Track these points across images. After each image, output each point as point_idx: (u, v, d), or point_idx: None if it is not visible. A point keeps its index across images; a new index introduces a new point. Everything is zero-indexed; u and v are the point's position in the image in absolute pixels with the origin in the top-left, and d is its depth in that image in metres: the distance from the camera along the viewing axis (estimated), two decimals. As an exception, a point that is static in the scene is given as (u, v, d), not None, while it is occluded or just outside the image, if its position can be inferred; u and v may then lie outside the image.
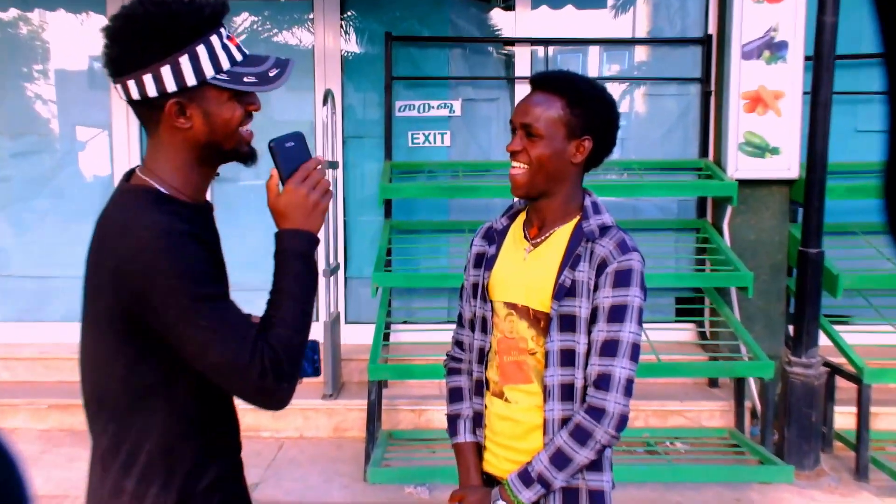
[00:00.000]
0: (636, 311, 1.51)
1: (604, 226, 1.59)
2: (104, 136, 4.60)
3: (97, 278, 1.27)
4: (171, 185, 1.32)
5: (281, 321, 1.28)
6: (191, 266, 1.22)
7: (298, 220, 1.33)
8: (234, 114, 1.31)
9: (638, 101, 4.68)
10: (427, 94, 4.56)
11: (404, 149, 4.54)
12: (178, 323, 1.21)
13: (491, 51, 4.63)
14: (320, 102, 4.11)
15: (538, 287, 1.59)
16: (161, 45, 1.24)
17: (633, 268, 1.52)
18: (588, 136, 1.58)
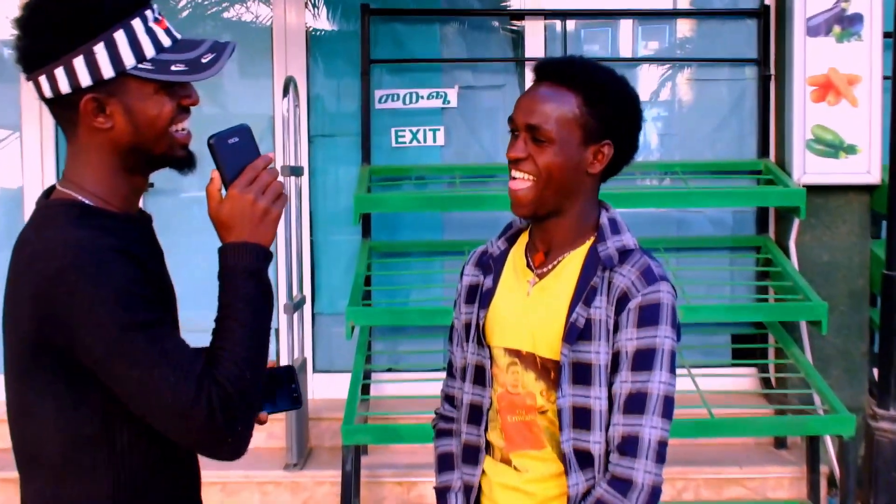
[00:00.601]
0: (667, 356, 1.53)
1: (624, 249, 1.61)
2: (14, 141, 4.64)
3: (16, 309, 1.32)
4: (96, 195, 1.38)
5: (229, 353, 1.32)
6: (119, 288, 1.26)
7: (245, 231, 1.36)
8: (161, 109, 1.37)
9: (681, 88, 4.73)
10: (415, 80, 4.60)
11: (386, 150, 4.58)
12: (107, 357, 1.26)
13: (495, 26, 4.68)
14: (280, 92, 4.14)
15: (546, 329, 1.60)
16: (73, 33, 1.31)
17: (661, 301, 1.54)
18: (608, 141, 1.60)
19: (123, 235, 1.35)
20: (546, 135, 1.57)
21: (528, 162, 1.59)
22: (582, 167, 1.60)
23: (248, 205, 1.36)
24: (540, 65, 1.64)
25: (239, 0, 4.70)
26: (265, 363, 1.39)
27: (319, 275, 4.68)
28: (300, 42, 4.58)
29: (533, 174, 1.59)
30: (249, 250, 1.36)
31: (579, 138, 1.58)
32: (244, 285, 1.35)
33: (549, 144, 1.57)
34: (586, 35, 4.80)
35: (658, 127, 4.72)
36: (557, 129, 1.57)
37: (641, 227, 4.50)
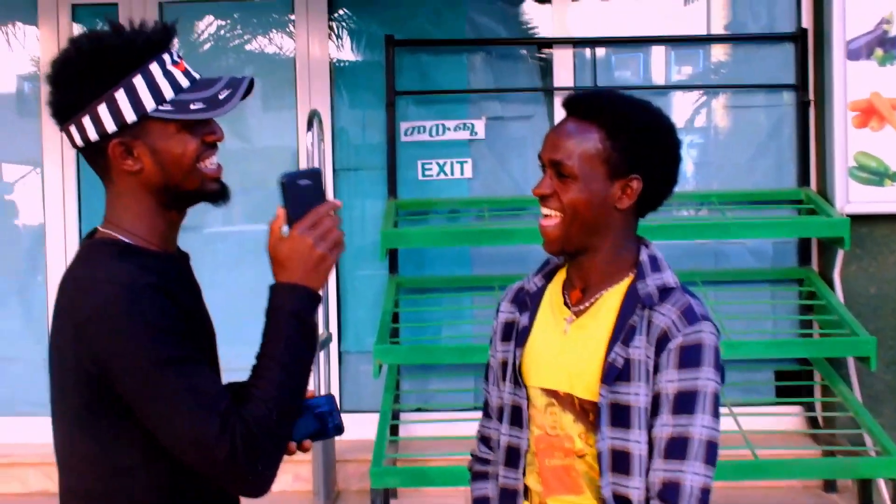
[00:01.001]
0: (710, 399, 1.52)
1: (664, 287, 1.61)
2: (35, 176, 4.73)
3: (61, 345, 1.43)
4: (135, 234, 1.49)
5: (260, 392, 1.40)
6: (152, 324, 1.35)
7: (298, 272, 1.44)
8: (185, 147, 1.47)
9: (717, 115, 4.72)
10: (441, 111, 4.64)
11: (413, 183, 4.60)
12: (138, 391, 1.35)
13: (523, 55, 4.71)
14: (304, 125, 4.18)
15: (583, 369, 1.60)
16: (95, 83, 1.42)
17: (703, 342, 1.53)
18: (636, 175, 1.60)
19: (161, 273, 1.44)
20: (569, 171, 1.59)
21: (554, 198, 1.61)
22: (609, 203, 1.60)
23: (307, 248, 1.44)
24: (567, 100, 1.67)
25: (262, 32, 4.77)
26: (297, 406, 1.45)
27: (346, 312, 4.68)
28: (324, 74, 4.63)
29: (559, 210, 1.60)
30: (298, 292, 1.44)
31: (604, 173, 1.59)
32: (287, 326, 1.42)
33: (573, 180, 1.59)
34: (617, 62, 4.81)
35: (693, 155, 4.70)
36: (580, 164, 1.58)
37: (677, 260, 4.46)
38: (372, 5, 4.69)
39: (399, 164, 4.51)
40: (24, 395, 4.62)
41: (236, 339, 4.50)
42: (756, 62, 4.60)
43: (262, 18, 4.77)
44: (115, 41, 1.43)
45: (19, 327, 4.71)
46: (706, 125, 4.74)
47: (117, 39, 1.44)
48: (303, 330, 1.43)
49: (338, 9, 4.71)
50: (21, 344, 4.68)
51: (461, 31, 4.68)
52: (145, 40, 1.44)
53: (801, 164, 4.47)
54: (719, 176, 4.64)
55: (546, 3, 4.66)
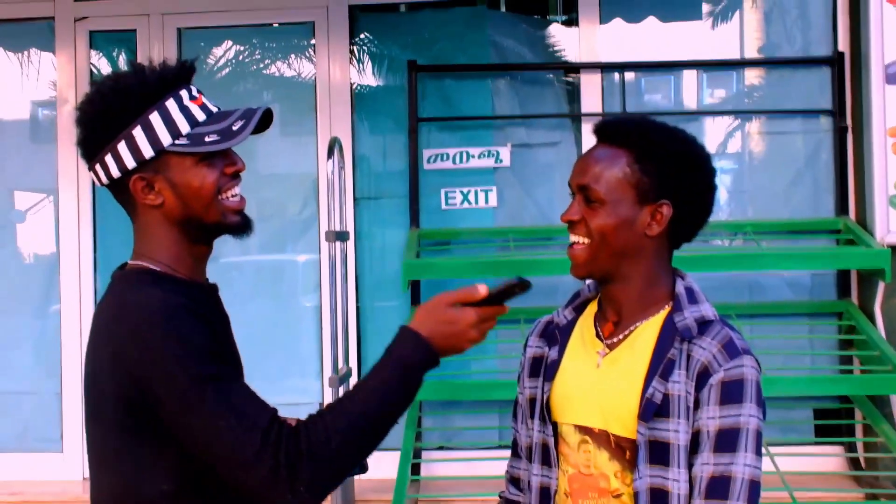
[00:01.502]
0: (752, 437, 1.52)
1: (703, 320, 1.61)
2: (49, 204, 4.79)
3: (97, 369, 1.50)
4: (164, 263, 1.57)
5: (331, 418, 1.44)
6: (188, 342, 1.42)
7: (437, 333, 1.51)
8: (204, 180, 1.55)
9: (751, 141, 4.73)
10: (465, 138, 4.66)
11: (436, 212, 4.63)
12: (178, 409, 1.40)
13: (549, 80, 4.74)
14: (324, 152, 4.22)
15: (619, 404, 1.60)
16: (115, 121, 1.52)
17: (745, 377, 1.54)
18: (666, 200, 1.62)
19: (192, 297, 1.52)
20: (596, 195, 1.61)
21: (582, 224, 1.63)
22: (638, 229, 1.62)
23: (466, 322, 1.52)
24: (596, 126, 1.69)
25: (282, 57, 4.83)
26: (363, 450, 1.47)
27: (366, 345, 4.69)
28: (345, 100, 4.68)
29: (587, 237, 1.62)
30: (423, 347, 1.50)
31: (633, 198, 1.61)
32: (392, 370, 1.49)
33: (600, 205, 1.61)
34: (647, 86, 4.83)
35: (727, 183, 4.71)
36: (608, 189, 1.61)
37: (711, 292, 4.36)
38: (394, 30, 4.74)
39: (422, 192, 4.53)
40: (37, 430, 4.65)
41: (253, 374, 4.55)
42: (791, 86, 4.61)
43: (282, 43, 4.84)
44: (131, 80, 1.54)
45: (32, 361, 4.76)
46: (740, 152, 4.75)
47: (134, 78, 1.54)
48: (404, 381, 1.49)
49: (359, 34, 4.77)
50: (34, 378, 4.71)
51: (485, 55, 4.71)
52: (159, 78, 1.54)
53: (840, 192, 4.45)
54: (754, 204, 4.63)
55: (573, 26, 4.69)
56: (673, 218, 1.62)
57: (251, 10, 4.70)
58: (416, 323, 1.53)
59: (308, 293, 4.73)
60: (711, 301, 1.68)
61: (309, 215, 4.71)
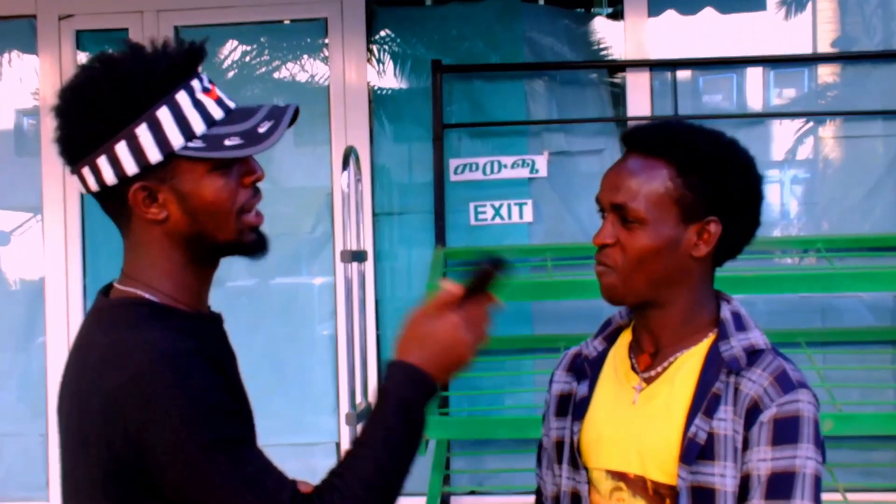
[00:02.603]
0: (810, 482, 1.49)
1: (753, 349, 1.59)
2: (36, 224, 4.84)
3: (82, 426, 1.38)
4: (163, 292, 1.47)
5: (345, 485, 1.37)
6: (199, 400, 1.33)
7: (426, 353, 1.45)
8: (219, 192, 1.44)
9: (824, 147, 4.69)
10: (497, 146, 4.67)
11: (464, 229, 4.64)
12: (184, 481, 1.32)
13: (591, 81, 4.73)
14: (339, 163, 4.22)
15: (657, 445, 1.59)
16: (113, 117, 1.40)
17: (801, 414, 1.51)
18: (714, 217, 1.60)
19: (201, 337, 1.44)
20: (635, 214, 1.58)
21: (616, 249, 1.60)
22: (684, 250, 1.60)
23: (450, 333, 1.46)
24: (627, 134, 1.67)
25: (292, 58, 4.86)
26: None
27: (387, 378, 4.68)
28: (362, 104, 4.70)
29: (618, 264, 1.60)
30: (415, 378, 1.44)
31: (676, 216, 1.59)
32: (392, 415, 1.42)
33: (640, 226, 1.58)
34: (705, 86, 4.81)
35: (797, 195, 4.67)
36: (648, 206, 1.58)
37: (777, 318, 4.42)
38: (417, 26, 4.77)
39: (448, 206, 4.54)
40: (20, 476, 4.68)
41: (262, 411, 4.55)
42: (870, 84, 4.57)
43: (293, 43, 4.88)
44: (134, 66, 1.41)
45: (13, 399, 4.79)
46: (812, 158, 4.70)
47: (137, 64, 1.41)
48: (409, 424, 1.43)
49: (378, 31, 4.79)
50: (17, 418, 4.74)
51: (519, 54, 4.72)
52: (170, 65, 1.42)
53: (925, 203, 4.41)
54: (827, 218, 4.60)
55: (619, 19, 4.69)
56: (721, 236, 1.60)
57: (257, 5, 4.72)
58: (400, 353, 1.47)
59: (322, 320, 4.75)
60: (778, 327, 1.66)
61: (322, 233, 4.73)
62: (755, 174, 1.64)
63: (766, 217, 1.70)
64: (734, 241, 1.64)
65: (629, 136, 1.66)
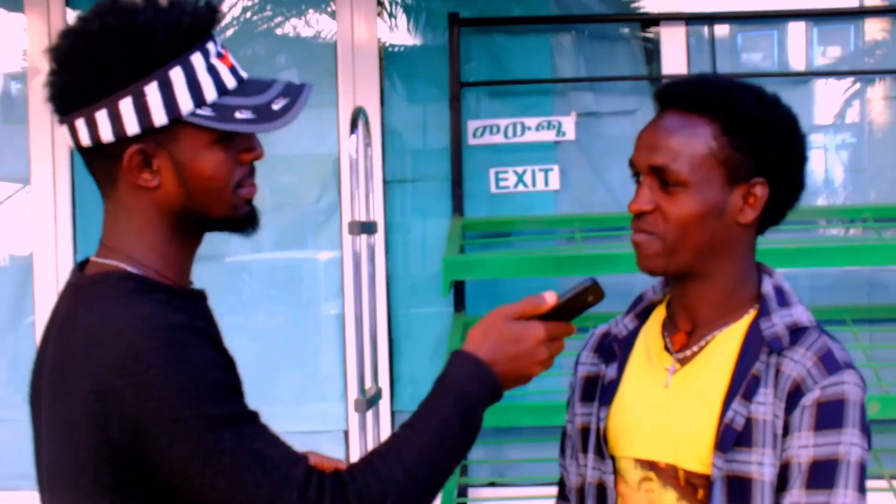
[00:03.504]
0: (855, 470, 1.49)
1: (796, 327, 1.59)
2: (24, 196, 4.81)
3: (67, 411, 1.37)
4: (146, 265, 1.46)
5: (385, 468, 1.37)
6: (200, 375, 1.32)
7: (500, 353, 1.47)
8: (218, 167, 1.45)
9: (872, 109, 4.68)
10: (520, 107, 4.67)
11: (484, 197, 4.65)
12: (188, 461, 1.31)
13: (623, 36, 4.74)
14: (347, 126, 4.22)
15: (691, 432, 1.59)
16: (121, 70, 1.39)
17: (846, 397, 1.51)
18: (761, 179, 1.60)
19: (191, 311, 1.43)
20: (677, 177, 1.57)
21: (656, 216, 1.59)
22: (729, 216, 1.59)
23: (533, 341, 1.47)
24: (663, 89, 1.66)
25: (296, 13, 4.85)
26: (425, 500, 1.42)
27: (399, 360, 4.72)
28: (372, 62, 4.68)
29: (661, 232, 1.59)
30: (485, 374, 1.45)
31: (722, 178, 1.58)
32: (452, 404, 1.43)
33: (682, 189, 1.57)
34: (744, 42, 4.80)
35: (842, 160, 4.67)
36: (691, 168, 1.57)
37: (822, 293, 4.43)
38: (433, -24, 4.75)
39: (466, 173, 4.55)
40: (9, 465, 4.69)
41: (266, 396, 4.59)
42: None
43: (298, -4, 4.86)
44: (153, 19, 1.40)
45: (3, 382, 4.80)
46: (859, 122, 4.70)
47: (157, 17, 1.40)
48: (464, 417, 1.43)
49: (390, -19, 4.78)
50: (4, 403, 4.75)
51: (544, 6, 4.71)
52: (191, 23, 1.42)
53: (984, 168, 4.41)
54: (876, 186, 4.61)
55: (652, -31, 4.69)
56: (767, 199, 1.60)
57: (259, -44, 4.73)
58: (472, 345, 1.47)
59: (329, 298, 4.76)
60: (823, 303, 1.66)
61: (328, 204, 4.74)
62: (800, 133, 1.64)
63: (809, 185, 1.69)
64: (779, 206, 1.64)
65: (665, 92, 1.65)
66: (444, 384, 1.45)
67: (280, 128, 1.44)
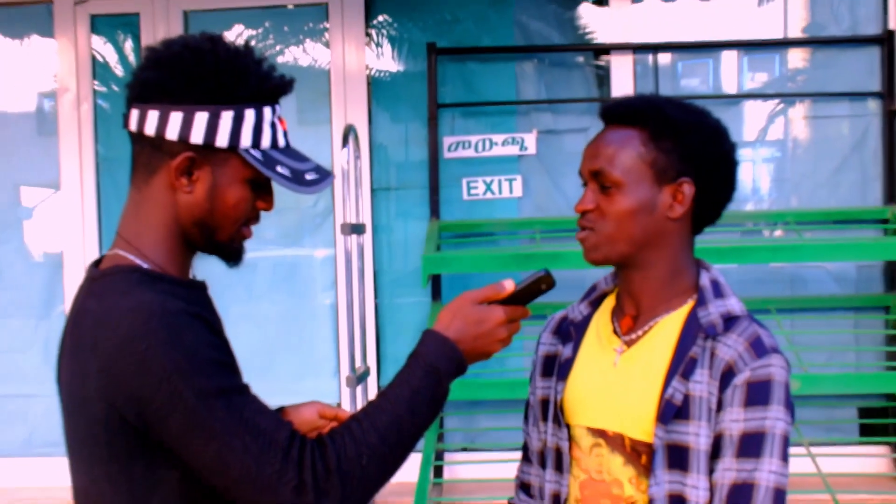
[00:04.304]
0: (779, 442, 1.50)
1: (729, 315, 1.59)
2: (55, 200, 4.82)
3: (81, 388, 1.39)
4: (155, 261, 1.48)
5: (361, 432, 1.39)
6: (193, 353, 1.33)
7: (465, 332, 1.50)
8: (241, 200, 1.49)
9: (794, 126, 4.70)
10: (488, 125, 4.68)
11: (457, 203, 4.66)
12: (184, 430, 1.32)
13: (577, 63, 4.74)
14: (339, 141, 4.24)
15: (636, 405, 1.59)
16: (211, 90, 1.44)
17: (773, 378, 1.51)
18: (687, 178, 1.60)
19: (189, 300, 1.43)
20: (611, 179, 1.59)
21: (597, 214, 1.62)
22: (660, 212, 1.60)
23: (493, 323, 1.51)
24: (604, 108, 1.67)
25: (294, 41, 4.85)
26: (393, 465, 1.43)
27: (385, 343, 4.73)
28: (361, 86, 4.71)
29: (600, 227, 1.61)
30: (451, 351, 1.48)
31: (651, 179, 1.59)
32: (421, 377, 1.45)
33: (617, 189, 1.59)
34: (684, 69, 4.80)
35: (768, 171, 4.69)
36: (623, 171, 1.58)
37: (750, 286, 4.45)
38: (413, 11, 4.75)
39: (442, 182, 4.57)
40: (43, 435, 4.73)
41: (267, 374, 4.60)
42: (838, 68, 4.59)
43: (295, 27, 4.86)
44: (253, 67, 1.47)
45: (37, 363, 4.80)
46: (783, 137, 4.72)
47: (256, 67, 1.47)
48: (433, 388, 1.45)
49: (376, 16, 4.78)
50: (40, 380, 4.75)
51: (510, 37, 4.73)
52: (275, 84, 1.49)
53: (888, 179, 4.44)
54: (797, 193, 4.62)
55: (603, 5, 4.69)
56: (695, 198, 1.60)
57: (262, -10, 4.72)
58: (441, 325, 1.50)
59: (324, 289, 4.77)
60: (751, 295, 1.66)
61: (324, 208, 4.75)
62: (726, 139, 1.64)
63: (739, 192, 1.70)
64: (709, 204, 1.64)
65: (606, 110, 1.66)
66: (416, 359, 1.47)
67: (306, 194, 1.50)
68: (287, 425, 1.37)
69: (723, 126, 1.65)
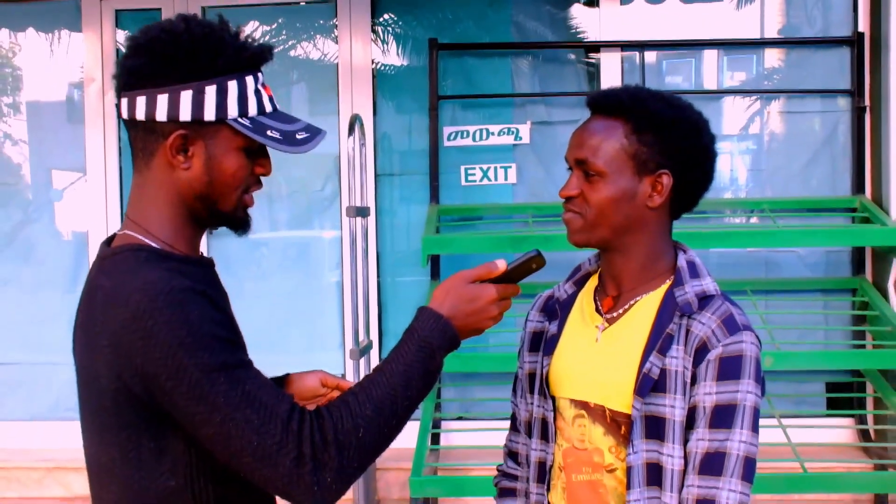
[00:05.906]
0: (749, 413, 1.48)
1: (704, 295, 1.57)
2: (83, 183, 4.85)
3: (92, 361, 1.36)
4: (162, 239, 1.44)
5: (358, 405, 1.35)
6: (197, 330, 1.30)
7: (458, 313, 1.46)
8: (239, 169, 1.44)
9: (770, 121, 4.68)
10: (485, 116, 4.67)
11: (456, 188, 4.64)
12: (188, 403, 1.29)
13: (569, 59, 4.72)
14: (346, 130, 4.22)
15: (616, 379, 1.58)
16: (191, 68, 1.39)
17: (744, 353, 1.49)
18: (665, 170, 1.58)
19: (195, 277, 1.39)
20: (595, 168, 1.56)
21: (581, 199, 1.59)
22: (640, 200, 1.58)
23: (485, 301, 1.47)
24: (590, 98, 1.64)
25: (305, 37, 4.83)
26: (388, 436, 1.40)
27: (386, 319, 4.74)
28: (367, 79, 4.69)
29: (583, 212, 1.59)
30: (445, 327, 1.44)
31: (632, 169, 1.57)
32: (415, 352, 1.41)
33: (600, 178, 1.57)
34: (668, 66, 4.79)
35: (746, 162, 4.67)
36: (606, 161, 1.56)
37: (727, 269, 4.45)
38: (416, 9, 4.73)
39: (442, 169, 4.55)
40: (69, 400, 4.72)
41: (277, 347, 4.61)
42: (811, 67, 4.57)
43: (306, 23, 4.84)
44: (228, 38, 1.42)
45: (64, 333, 4.77)
46: (759, 131, 4.70)
47: (230, 38, 1.42)
48: (427, 362, 1.41)
49: (381, 13, 4.77)
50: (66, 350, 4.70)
51: (506, 34, 4.71)
52: (253, 52, 1.44)
53: (856, 171, 4.43)
54: (772, 183, 4.61)
55: (594, 6, 4.67)
56: (673, 188, 1.58)
57: (276, -12, 4.70)
58: (435, 302, 1.46)
59: (331, 269, 4.77)
60: (728, 277, 1.64)
61: (331, 192, 4.74)
62: (706, 133, 1.61)
63: (718, 182, 1.68)
64: (687, 194, 1.62)
65: (593, 100, 1.63)
66: (411, 335, 1.43)
67: (298, 153, 1.44)
68: (287, 398, 1.34)
69: (703, 120, 1.62)
